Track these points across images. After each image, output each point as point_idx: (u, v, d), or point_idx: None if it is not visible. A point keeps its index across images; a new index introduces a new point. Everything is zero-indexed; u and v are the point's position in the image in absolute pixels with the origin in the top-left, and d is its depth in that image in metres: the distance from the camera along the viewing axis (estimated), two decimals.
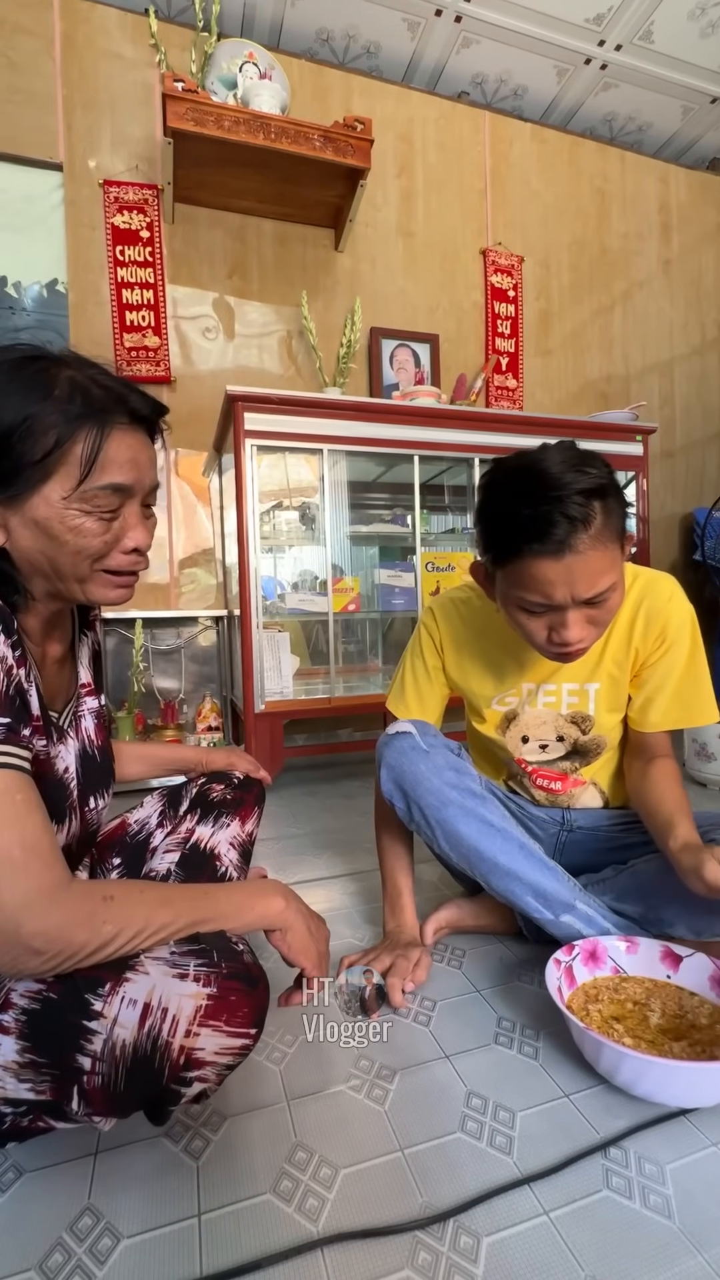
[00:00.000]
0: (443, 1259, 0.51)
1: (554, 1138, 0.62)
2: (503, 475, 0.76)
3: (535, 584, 0.72)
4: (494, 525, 0.75)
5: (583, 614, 0.74)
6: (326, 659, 1.93)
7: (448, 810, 0.84)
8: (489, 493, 0.77)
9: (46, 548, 0.56)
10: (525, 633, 0.79)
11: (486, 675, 0.96)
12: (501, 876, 0.83)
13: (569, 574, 0.71)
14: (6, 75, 1.96)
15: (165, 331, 2.12)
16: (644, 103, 2.72)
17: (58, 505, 0.55)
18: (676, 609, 0.86)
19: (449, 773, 0.87)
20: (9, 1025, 0.50)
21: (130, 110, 2.09)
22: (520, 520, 0.70)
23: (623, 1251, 0.51)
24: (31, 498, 0.54)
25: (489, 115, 2.60)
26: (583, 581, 0.71)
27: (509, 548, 0.73)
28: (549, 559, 0.70)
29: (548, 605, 0.74)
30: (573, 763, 0.95)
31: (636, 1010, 0.73)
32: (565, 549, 0.69)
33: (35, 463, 0.53)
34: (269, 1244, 0.52)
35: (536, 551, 0.70)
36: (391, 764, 0.88)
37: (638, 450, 2.26)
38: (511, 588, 0.76)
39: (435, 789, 0.85)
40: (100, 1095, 0.50)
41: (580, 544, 0.69)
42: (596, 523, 0.70)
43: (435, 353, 2.48)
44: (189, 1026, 0.49)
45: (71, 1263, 0.51)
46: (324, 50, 2.38)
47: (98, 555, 0.58)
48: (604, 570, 0.72)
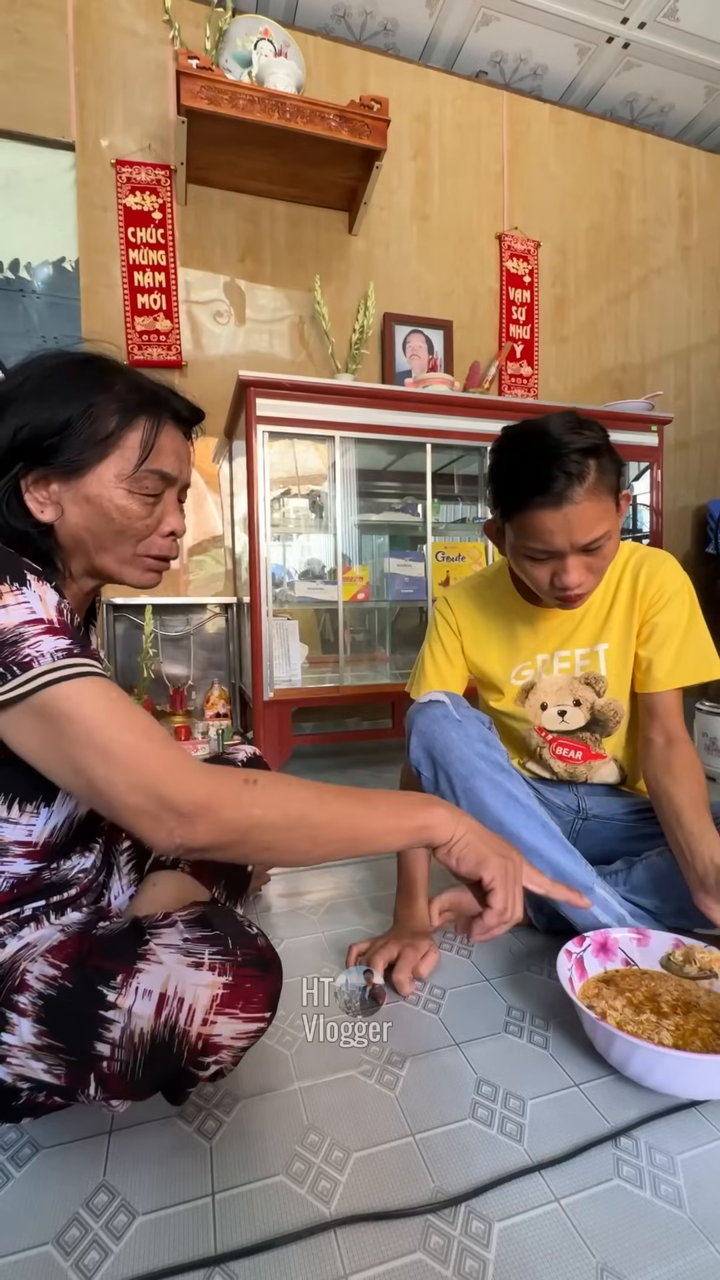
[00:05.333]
0: (455, 1243, 0.51)
1: (564, 1126, 0.63)
2: (510, 440, 0.85)
3: (538, 533, 0.81)
4: (503, 482, 0.84)
5: (581, 560, 0.83)
6: (335, 648, 1.93)
7: (476, 780, 0.85)
8: (498, 455, 0.86)
9: (94, 524, 0.60)
10: (531, 579, 0.87)
11: (504, 649, 1.01)
12: (524, 853, 0.83)
13: (567, 523, 0.79)
14: (19, 51, 1.94)
15: (177, 315, 2.11)
16: (667, 83, 2.65)
17: (109, 483, 0.59)
18: (672, 570, 0.94)
19: (479, 744, 0.88)
20: (26, 1008, 0.51)
21: (143, 88, 2.06)
22: (525, 477, 0.80)
23: (634, 1240, 0.52)
24: (86, 475, 0.59)
25: (507, 95, 2.55)
26: (579, 529, 0.79)
27: (516, 501, 0.82)
28: (550, 509, 0.79)
29: (549, 552, 0.82)
30: (593, 734, 0.99)
31: (648, 1003, 0.74)
32: (564, 500, 0.78)
33: (96, 444, 0.58)
34: (282, 1224, 0.53)
35: (539, 503, 0.79)
36: (423, 730, 0.89)
37: (652, 441, 2.23)
38: (518, 538, 0.84)
39: (465, 758, 0.86)
40: (118, 1080, 0.50)
41: (577, 495, 0.78)
42: (591, 477, 0.79)
43: (449, 339, 2.46)
44: (206, 1015, 0.50)
45: (88, 1237, 0.52)
46: (340, 27, 2.33)
47: (140, 536, 0.63)
48: (598, 519, 0.80)
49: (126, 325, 2.06)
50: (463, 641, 1.02)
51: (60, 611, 0.53)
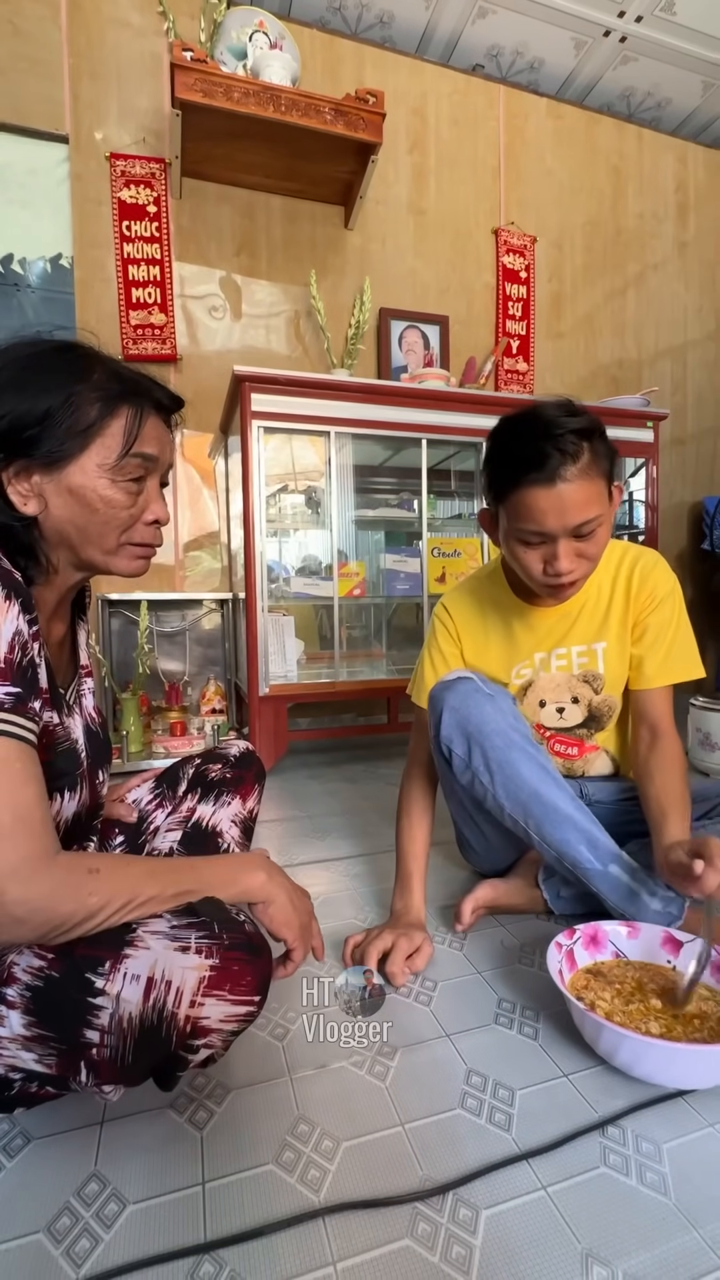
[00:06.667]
0: (442, 1230, 0.52)
1: (553, 1116, 0.63)
2: (505, 424, 0.87)
3: (530, 513, 0.82)
4: (498, 464, 0.85)
5: (573, 545, 0.83)
6: (331, 644, 1.93)
7: (513, 752, 0.86)
8: (495, 439, 0.87)
9: (78, 516, 0.60)
10: (524, 567, 0.88)
11: (503, 650, 1.02)
12: (559, 822, 0.85)
13: (560, 502, 0.80)
14: (11, 43, 1.92)
15: (172, 309, 2.10)
16: (663, 77, 2.65)
17: (92, 473, 0.59)
18: (664, 572, 0.97)
19: (511, 717, 0.90)
20: (14, 1000, 0.51)
21: (138, 81, 2.05)
22: (519, 456, 0.81)
23: (619, 1226, 0.52)
24: (69, 466, 0.58)
25: (504, 89, 2.54)
26: (572, 510, 0.80)
27: (510, 481, 0.82)
28: (543, 487, 0.80)
29: (542, 534, 0.83)
30: (589, 729, 1.01)
31: (637, 994, 0.74)
32: (557, 478, 0.79)
33: (77, 434, 0.58)
34: (272, 1212, 0.53)
35: (533, 480, 0.80)
36: (456, 707, 0.89)
37: (648, 437, 2.23)
38: (512, 521, 0.85)
39: (501, 730, 0.87)
40: (109, 1066, 0.51)
41: (570, 474, 0.79)
42: (584, 458, 0.80)
43: (445, 335, 2.45)
44: (193, 997, 0.50)
45: (79, 1225, 0.53)
46: (336, 19, 2.32)
47: (124, 526, 0.63)
48: (590, 501, 0.81)
49: (121, 319, 2.05)
50: (462, 648, 1.03)
51: (12, 648, 0.51)
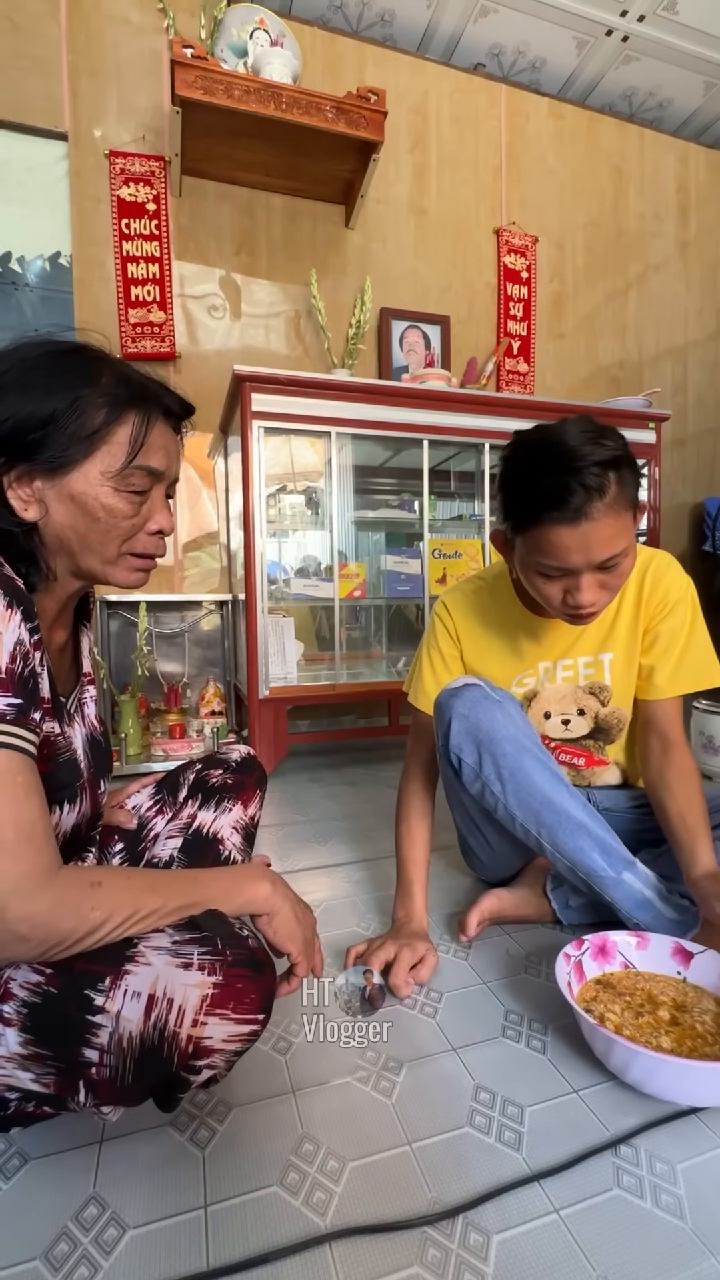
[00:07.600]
0: (452, 1256, 0.50)
1: (563, 1134, 0.62)
2: (524, 447, 0.79)
3: (553, 550, 0.76)
4: (515, 494, 0.79)
5: (596, 578, 0.79)
6: (331, 645, 1.91)
7: (525, 759, 0.84)
8: (511, 464, 0.81)
9: (79, 524, 0.58)
10: (542, 596, 0.83)
11: (505, 657, 0.98)
12: (573, 830, 0.83)
13: (585, 540, 0.75)
14: (10, 39, 1.90)
15: (171, 307, 2.08)
16: (665, 77, 2.64)
17: (95, 480, 0.57)
18: (677, 576, 0.92)
19: (521, 723, 0.87)
20: (10, 1017, 0.49)
21: (137, 78, 2.03)
22: (540, 490, 0.75)
23: (635, 1252, 0.51)
24: (72, 472, 0.57)
25: (505, 88, 2.53)
26: (597, 547, 0.75)
27: (529, 516, 0.77)
28: (566, 526, 0.74)
29: (564, 570, 0.78)
30: (596, 741, 0.98)
31: (647, 1005, 0.73)
32: (582, 517, 0.73)
33: (82, 439, 0.56)
34: (276, 1238, 0.52)
35: (555, 519, 0.74)
36: (465, 714, 0.86)
37: (650, 438, 2.22)
38: (530, 553, 0.80)
39: (512, 736, 0.85)
40: (108, 1087, 0.49)
41: (596, 512, 0.73)
42: (611, 492, 0.74)
43: (446, 335, 2.44)
44: (195, 1016, 0.49)
45: (77, 1253, 0.51)
46: (337, 17, 2.30)
47: (126, 536, 0.61)
48: (617, 536, 0.76)
49: (120, 318, 2.03)
50: (462, 649, 1.00)
51: (13, 657, 0.50)
